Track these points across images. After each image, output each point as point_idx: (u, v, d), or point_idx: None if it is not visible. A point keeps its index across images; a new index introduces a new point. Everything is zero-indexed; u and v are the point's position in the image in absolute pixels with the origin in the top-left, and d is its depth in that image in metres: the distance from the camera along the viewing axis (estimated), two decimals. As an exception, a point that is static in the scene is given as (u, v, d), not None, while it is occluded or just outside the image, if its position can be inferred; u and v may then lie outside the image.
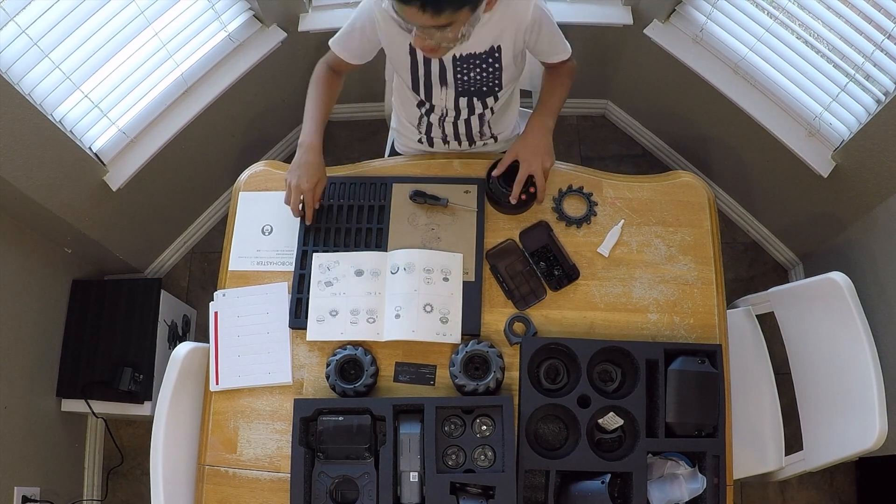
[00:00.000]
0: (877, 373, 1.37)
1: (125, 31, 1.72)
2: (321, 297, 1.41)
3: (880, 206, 1.81)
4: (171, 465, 1.33)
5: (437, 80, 1.42)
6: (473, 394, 1.31)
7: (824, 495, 2.11)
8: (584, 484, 1.23)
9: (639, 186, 1.52)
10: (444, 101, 1.47)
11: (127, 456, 2.21)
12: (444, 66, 1.38)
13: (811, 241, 2.21)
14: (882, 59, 1.59)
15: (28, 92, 1.61)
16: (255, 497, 1.32)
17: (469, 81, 1.41)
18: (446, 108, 1.50)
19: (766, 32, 1.82)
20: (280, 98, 2.37)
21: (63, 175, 1.81)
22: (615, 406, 1.26)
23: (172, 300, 2.19)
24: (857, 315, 1.41)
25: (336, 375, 1.33)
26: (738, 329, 1.72)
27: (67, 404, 2.05)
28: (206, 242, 2.52)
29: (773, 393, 1.66)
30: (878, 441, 1.35)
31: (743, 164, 2.25)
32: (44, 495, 1.90)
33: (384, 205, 1.49)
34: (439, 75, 1.40)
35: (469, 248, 1.44)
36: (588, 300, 1.42)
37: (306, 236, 1.47)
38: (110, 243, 2.15)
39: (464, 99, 1.46)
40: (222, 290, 1.46)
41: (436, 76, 1.41)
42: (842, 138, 1.81)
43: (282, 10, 2.06)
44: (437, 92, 1.45)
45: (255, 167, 1.60)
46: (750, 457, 1.60)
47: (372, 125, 2.62)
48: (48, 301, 2.02)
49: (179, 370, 1.36)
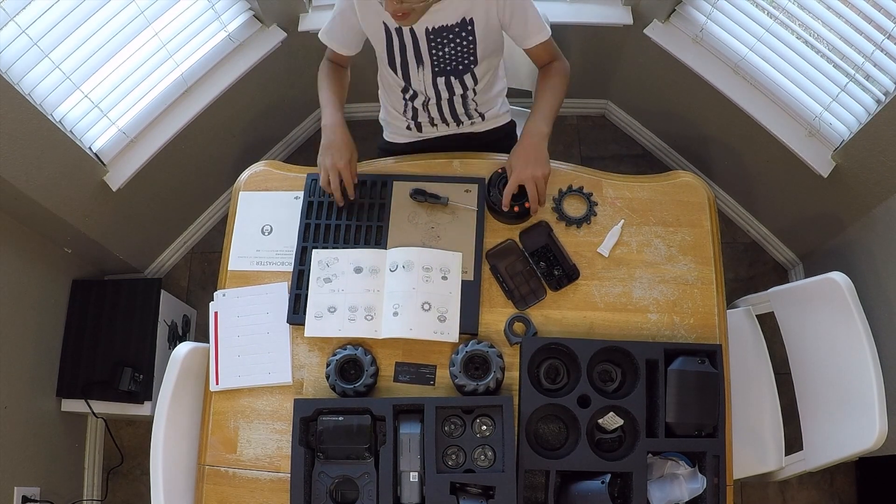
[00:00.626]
0: (877, 373, 1.37)
1: (125, 31, 1.73)
2: (320, 293, 1.41)
3: (880, 206, 1.81)
4: (172, 466, 1.33)
5: (412, 58, 1.43)
6: (473, 394, 1.31)
7: (824, 495, 2.11)
8: (584, 484, 1.23)
9: (639, 186, 1.52)
10: (422, 82, 1.48)
11: (127, 456, 2.21)
12: (416, 39, 1.38)
13: (811, 241, 2.21)
14: (882, 59, 1.59)
15: (28, 92, 1.61)
16: (255, 497, 1.32)
17: (444, 58, 1.41)
18: (426, 92, 1.51)
19: (766, 32, 1.82)
20: (280, 98, 2.37)
21: (63, 175, 1.81)
22: (615, 406, 1.26)
23: (172, 300, 2.19)
24: (857, 315, 1.41)
25: (336, 375, 1.33)
26: (738, 329, 1.72)
27: (67, 404, 2.05)
28: (206, 242, 2.52)
29: (773, 393, 1.66)
30: (878, 441, 1.35)
31: (743, 164, 2.25)
32: (44, 495, 1.90)
33: (384, 203, 1.49)
34: (414, 51, 1.41)
35: (468, 247, 1.44)
36: (588, 300, 1.42)
37: (306, 232, 1.47)
38: (110, 243, 2.15)
39: (441, 79, 1.47)
40: (222, 290, 1.46)
41: (411, 53, 1.42)
42: (842, 138, 1.81)
43: (282, 10, 2.06)
44: (414, 73, 1.46)
45: (255, 167, 1.60)
46: (750, 457, 1.60)
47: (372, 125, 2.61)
48: (48, 301, 2.02)
49: (179, 370, 1.36)
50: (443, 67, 1.44)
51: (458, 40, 1.38)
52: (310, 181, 1.52)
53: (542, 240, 1.46)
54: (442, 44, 1.39)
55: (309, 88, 2.46)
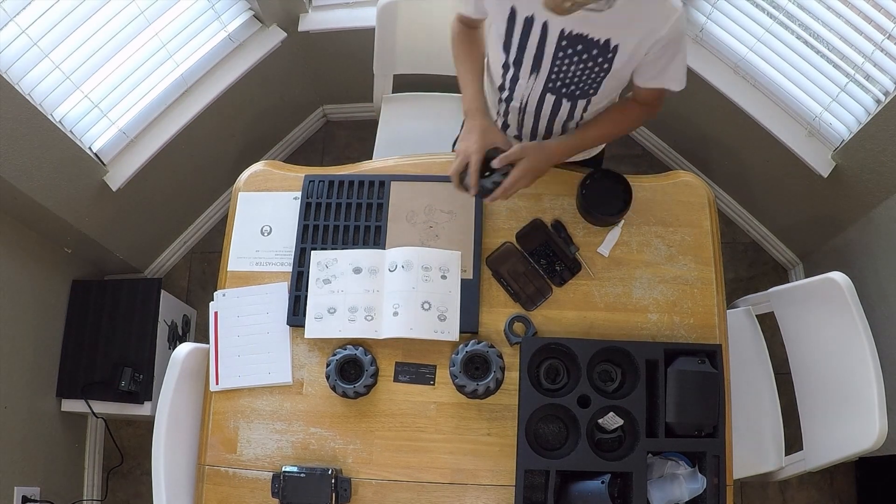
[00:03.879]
0: (877, 373, 1.37)
1: (125, 31, 1.73)
2: (319, 294, 1.41)
3: (880, 206, 1.81)
4: (173, 466, 1.33)
5: (529, 61, 1.23)
6: (473, 394, 1.31)
7: (824, 495, 2.11)
8: (583, 484, 1.23)
9: (639, 186, 1.52)
10: (528, 91, 1.30)
11: (127, 456, 2.21)
12: (545, 38, 1.17)
13: (811, 241, 2.21)
14: (882, 59, 1.59)
15: (28, 92, 1.62)
16: (255, 497, 1.32)
17: (565, 75, 1.22)
18: (527, 100, 1.33)
19: (765, 32, 1.82)
20: (280, 98, 2.38)
21: (63, 175, 1.81)
22: (615, 406, 1.26)
23: (172, 300, 2.20)
24: (857, 315, 1.41)
25: (336, 375, 1.33)
26: (738, 329, 1.72)
27: (67, 404, 2.05)
28: (206, 242, 2.52)
29: (773, 393, 1.66)
30: (878, 441, 1.35)
31: (743, 164, 2.25)
32: (44, 495, 1.90)
33: (382, 203, 1.49)
34: (535, 53, 1.21)
35: (467, 246, 1.44)
36: (588, 300, 1.42)
37: (304, 234, 1.47)
38: (110, 243, 2.15)
39: (551, 97, 1.29)
40: (222, 290, 1.46)
41: (530, 53, 1.21)
42: (842, 138, 1.81)
43: (282, 10, 2.06)
44: (524, 78, 1.27)
45: (254, 167, 1.59)
46: (750, 457, 1.60)
47: (372, 125, 2.61)
48: (48, 301, 2.02)
49: (180, 371, 1.36)
50: (558, 86, 1.25)
51: (591, 64, 1.19)
52: (307, 183, 1.52)
53: (540, 237, 1.46)
54: (571, 58, 1.19)
55: (309, 88, 2.49)
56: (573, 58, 1.19)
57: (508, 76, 1.30)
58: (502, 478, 1.31)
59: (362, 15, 2.08)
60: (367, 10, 2.07)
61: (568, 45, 1.17)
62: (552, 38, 1.17)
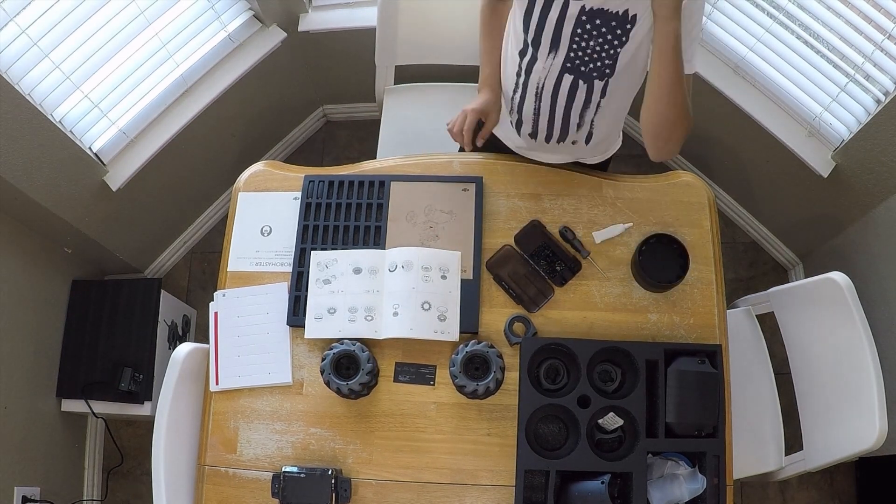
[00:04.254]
0: (877, 373, 1.37)
1: (125, 31, 1.73)
2: (319, 294, 1.41)
3: (880, 206, 1.81)
4: (173, 466, 1.33)
5: (548, 40, 1.23)
6: (473, 394, 1.31)
7: (824, 495, 2.11)
8: (583, 484, 1.23)
9: (639, 186, 1.52)
10: (546, 71, 1.29)
11: (127, 456, 2.21)
12: (564, 16, 1.19)
13: (811, 241, 2.21)
14: (882, 59, 1.59)
15: (28, 92, 1.62)
16: (255, 497, 1.32)
17: (584, 50, 1.22)
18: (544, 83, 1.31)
19: (765, 32, 1.82)
20: (280, 98, 2.37)
21: (63, 175, 1.81)
22: (615, 406, 1.26)
23: (172, 300, 2.19)
24: (857, 315, 1.41)
25: (331, 370, 1.31)
26: (738, 329, 1.72)
27: (67, 404, 2.05)
28: (206, 242, 2.52)
29: (773, 393, 1.66)
30: (878, 441, 1.35)
31: (743, 164, 2.25)
32: (44, 495, 1.90)
33: (382, 203, 1.49)
34: (555, 30, 1.21)
35: (467, 245, 1.44)
36: (588, 300, 1.42)
37: (304, 234, 1.47)
38: (110, 243, 2.15)
39: (569, 77, 1.28)
40: (222, 290, 1.46)
41: (549, 31, 1.22)
42: (842, 138, 1.81)
43: (282, 10, 2.06)
44: (542, 57, 1.27)
45: (254, 167, 1.59)
46: (750, 457, 1.60)
47: (372, 125, 2.62)
48: (48, 301, 2.02)
49: (180, 371, 1.36)
50: (576, 64, 1.24)
51: (610, 37, 1.18)
52: (307, 183, 1.52)
53: (538, 239, 1.46)
54: (590, 33, 1.19)
55: (309, 88, 2.49)
56: (592, 32, 1.19)
57: (526, 60, 1.31)
58: (502, 478, 1.31)
59: (362, 15, 2.08)
60: (367, 10, 2.08)
61: (587, 21, 1.18)
62: (572, 14, 1.18)
